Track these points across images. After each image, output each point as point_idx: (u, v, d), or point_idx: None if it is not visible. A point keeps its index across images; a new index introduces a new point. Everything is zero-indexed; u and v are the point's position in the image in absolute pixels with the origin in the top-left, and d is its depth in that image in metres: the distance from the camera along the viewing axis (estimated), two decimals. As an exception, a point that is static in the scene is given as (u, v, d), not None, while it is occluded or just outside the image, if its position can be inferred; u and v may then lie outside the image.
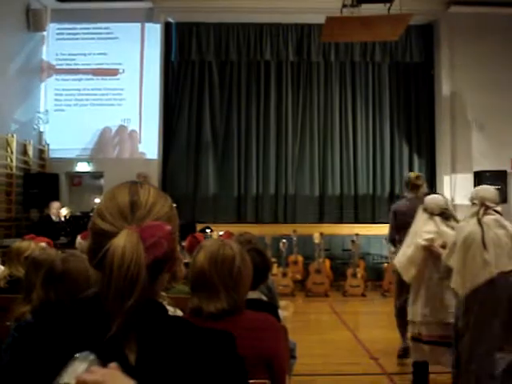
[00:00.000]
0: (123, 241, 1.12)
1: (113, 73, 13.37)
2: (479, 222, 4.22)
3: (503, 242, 4.13)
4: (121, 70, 13.39)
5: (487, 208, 4.30)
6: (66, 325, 1.17)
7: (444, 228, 4.99)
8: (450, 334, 4.47)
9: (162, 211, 1.25)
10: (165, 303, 1.25)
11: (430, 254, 4.98)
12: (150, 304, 1.16)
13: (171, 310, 1.30)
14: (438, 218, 5.04)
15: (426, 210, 5.11)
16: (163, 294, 3.13)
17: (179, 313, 2.74)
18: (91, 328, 1.13)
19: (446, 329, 4.78)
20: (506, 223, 4.26)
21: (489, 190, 4.51)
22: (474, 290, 4.11)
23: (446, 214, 5.07)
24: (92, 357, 1.03)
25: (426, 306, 4.96)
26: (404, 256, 5.14)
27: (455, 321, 4.39)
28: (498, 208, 4.38)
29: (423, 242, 4.97)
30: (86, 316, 1.16)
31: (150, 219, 1.21)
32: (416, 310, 5.06)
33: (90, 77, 13.36)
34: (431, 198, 5.24)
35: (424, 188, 6.36)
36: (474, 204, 4.41)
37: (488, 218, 4.24)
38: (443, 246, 4.82)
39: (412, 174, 6.78)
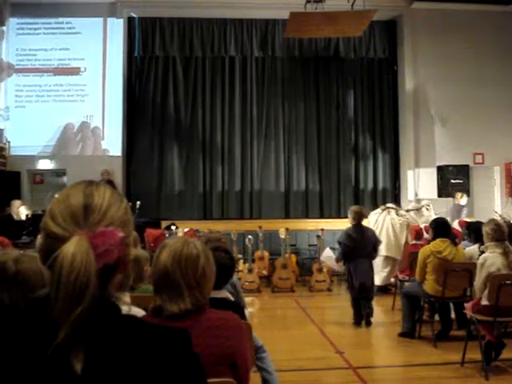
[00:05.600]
0: (73, 248, 1.09)
1: (75, 71, 13.17)
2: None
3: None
4: (82, 68, 13.20)
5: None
6: (11, 331, 1.13)
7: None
8: None
9: (117, 215, 1.22)
10: (119, 303, 1.22)
11: None
12: (102, 304, 1.13)
13: (125, 309, 1.26)
14: None
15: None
16: (126, 293, 3.09)
17: (137, 311, 2.70)
18: (37, 335, 1.10)
19: None
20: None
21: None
22: None
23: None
24: None
25: None
26: None
27: None
28: None
29: None
30: (32, 322, 1.13)
31: (104, 224, 1.18)
32: None
33: (51, 74, 13.17)
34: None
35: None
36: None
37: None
38: None
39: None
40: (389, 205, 10.97)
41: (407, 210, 11.01)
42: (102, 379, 1.09)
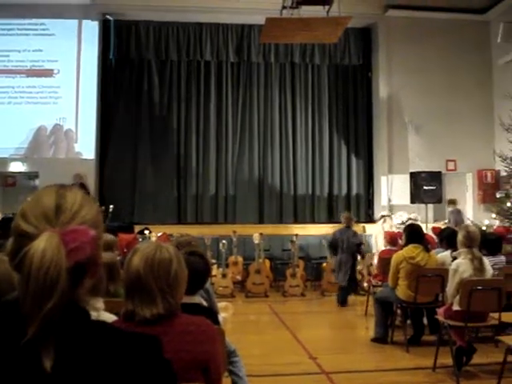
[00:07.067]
0: (44, 243, 1.09)
1: (48, 73, 13.03)
2: None
3: None
4: (56, 70, 13.05)
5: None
6: None
7: None
8: None
9: (88, 216, 1.22)
10: (89, 308, 1.21)
11: None
12: (71, 308, 1.13)
13: (94, 314, 1.25)
14: None
15: None
16: (99, 298, 3.05)
17: (108, 316, 2.66)
18: (6, 332, 1.09)
19: None
20: None
21: None
22: None
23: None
24: None
25: None
26: None
27: None
28: None
29: None
30: (2, 320, 1.12)
31: (75, 223, 1.18)
32: None
33: (24, 75, 13.01)
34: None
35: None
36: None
37: None
38: None
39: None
40: (383, 213, 12.36)
41: (409, 219, 11.35)
42: (72, 380, 1.09)
